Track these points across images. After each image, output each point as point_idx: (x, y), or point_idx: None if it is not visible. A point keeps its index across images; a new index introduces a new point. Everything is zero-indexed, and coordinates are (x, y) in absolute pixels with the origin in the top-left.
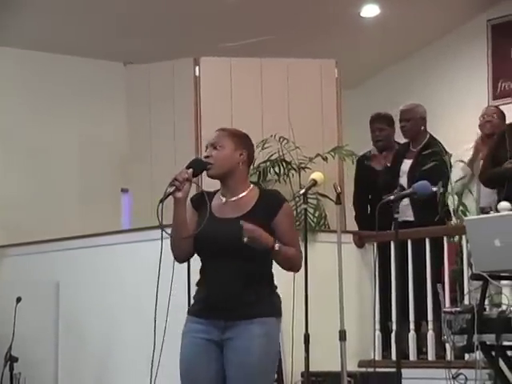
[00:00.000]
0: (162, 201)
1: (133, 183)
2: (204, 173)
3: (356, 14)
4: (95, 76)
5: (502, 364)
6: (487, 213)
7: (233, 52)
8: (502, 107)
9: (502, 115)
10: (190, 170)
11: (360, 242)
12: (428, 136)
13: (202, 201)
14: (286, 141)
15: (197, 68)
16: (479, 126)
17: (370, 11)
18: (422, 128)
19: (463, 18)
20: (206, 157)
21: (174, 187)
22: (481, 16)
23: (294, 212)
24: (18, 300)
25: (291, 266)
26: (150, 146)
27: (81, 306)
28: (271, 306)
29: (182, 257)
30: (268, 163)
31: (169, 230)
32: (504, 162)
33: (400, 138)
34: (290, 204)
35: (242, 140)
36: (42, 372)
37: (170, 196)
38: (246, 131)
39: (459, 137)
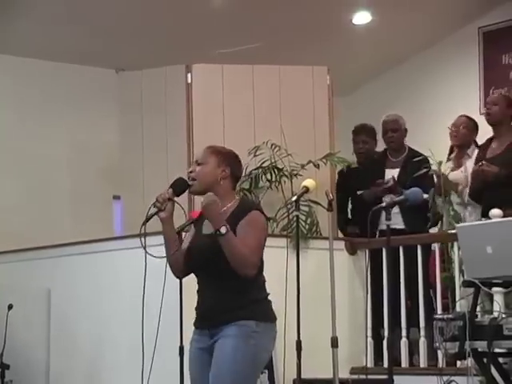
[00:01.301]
0: (144, 223)
1: (125, 190)
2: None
3: (348, 21)
4: (87, 83)
5: (493, 371)
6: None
7: (225, 59)
8: None
9: (473, 125)
10: (170, 190)
11: (352, 249)
12: (407, 146)
13: (199, 219)
14: (277, 148)
15: (189, 75)
16: (449, 134)
17: (361, 18)
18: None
19: (455, 26)
20: (190, 172)
21: (156, 209)
22: (472, 23)
23: (286, 219)
24: (10, 307)
25: (236, 262)
26: (142, 153)
27: (72, 312)
28: (252, 311)
29: (176, 272)
30: (260, 170)
31: (152, 251)
32: None
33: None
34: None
35: (226, 157)
36: (34, 379)
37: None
38: (238, 138)
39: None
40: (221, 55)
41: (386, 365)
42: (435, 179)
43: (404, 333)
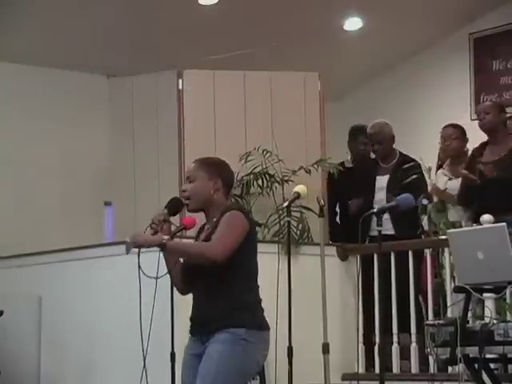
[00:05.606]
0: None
1: (116, 196)
2: None
3: (339, 27)
4: (78, 89)
5: (484, 377)
6: (459, 227)
7: (216, 65)
8: None
9: (461, 133)
10: (165, 211)
11: (343, 255)
12: (398, 152)
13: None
14: (269, 153)
15: (180, 81)
16: (440, 148)
17: (353, 24)
18: (393, 145)
19: (445, 32)
20: (183, 191)
21: (153, 230)
22: (463, 29)
23: (277, 225)
24: (0, 314)
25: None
26: (134, 159)
27: (63, 320)
28: (242, 319)
29: (179, 288)
30: (251, 176)
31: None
32: None
33: None
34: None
35: (214, 168)
36: None
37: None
38: (229, 144)
39: None
40: (212, 61)
41: (377, 371)
42: (429, 185)
43: (395, 338)
